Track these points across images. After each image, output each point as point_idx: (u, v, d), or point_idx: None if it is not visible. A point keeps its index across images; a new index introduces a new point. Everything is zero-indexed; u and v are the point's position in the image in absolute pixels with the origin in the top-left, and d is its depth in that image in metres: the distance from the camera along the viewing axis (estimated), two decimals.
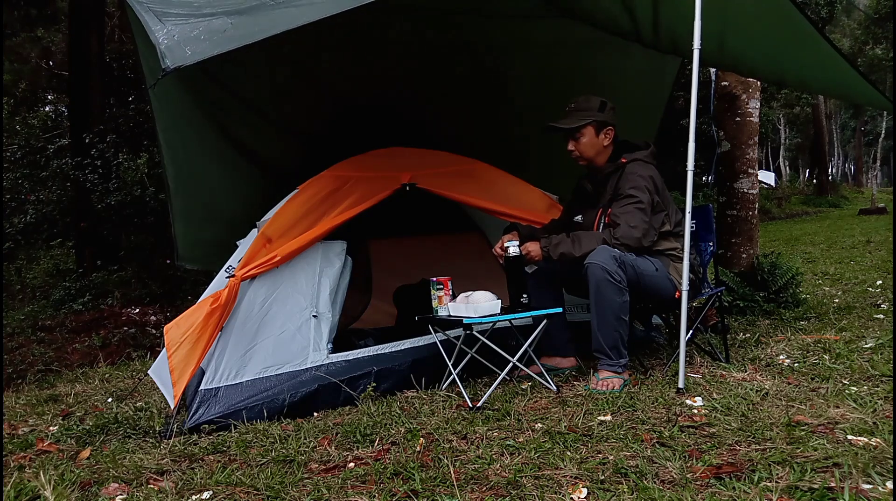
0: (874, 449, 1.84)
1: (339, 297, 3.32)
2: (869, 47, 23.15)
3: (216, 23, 2.59)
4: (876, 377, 2.62)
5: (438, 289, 3.13)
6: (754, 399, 2.45)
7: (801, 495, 1.62)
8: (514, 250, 3.07)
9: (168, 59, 2.26)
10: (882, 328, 3.66)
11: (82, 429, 2.99)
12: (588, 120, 3.19)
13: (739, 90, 4.72)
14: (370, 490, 1.90)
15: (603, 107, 3.21)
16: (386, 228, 4.53)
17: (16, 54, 15.44)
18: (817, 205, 23.34)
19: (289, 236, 3.19)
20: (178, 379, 2.73)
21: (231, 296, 2.95)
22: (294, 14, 2.62)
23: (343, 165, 3.54)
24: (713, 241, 3.46)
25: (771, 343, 3.48)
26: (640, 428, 2.25)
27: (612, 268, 2.85)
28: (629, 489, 1.76)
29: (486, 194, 3.69)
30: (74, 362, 6.29)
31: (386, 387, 3.14)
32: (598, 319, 2.90)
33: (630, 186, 3.05)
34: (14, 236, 9.99)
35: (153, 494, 2.01)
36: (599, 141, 3.22)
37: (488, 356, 3.12)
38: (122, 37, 12.88)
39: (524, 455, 2.08)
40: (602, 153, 3.25)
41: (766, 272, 4.65)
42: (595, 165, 3.27)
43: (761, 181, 19.48)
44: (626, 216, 3.00)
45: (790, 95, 21.15)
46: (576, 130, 3.21)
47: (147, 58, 3.54)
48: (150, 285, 8.81)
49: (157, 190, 8.44)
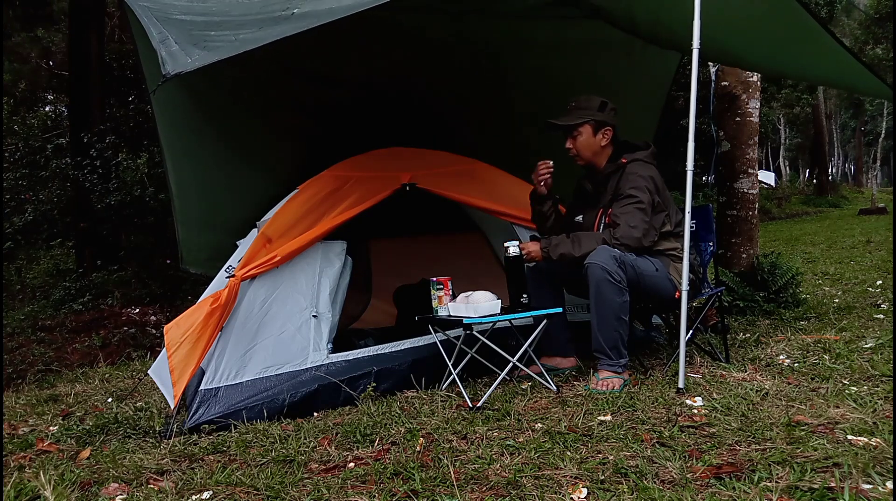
0: (874, 449, 1.84)
1: (339, 297, 3.32)
2: (869, 47, 23.13)
3: (219, 30, 2.60)
4: (876, 377, 2.62)
5: (438, 289, 3.13)
6: (754, 399, 2.45)
7: (801, 495, 1.62)
8: (514, 250, 3.07)
9: (168, 65, 2.26)
10: (882, 328, 3.66)
11: (82, 429, 2.99)
12: (586, 118, 3.20)
13: (739, 90, 4.72)
14: (370, 490, 1.90)
15: (603, 107, 3.22)
16: (386, 228, 4.53)
17: (16, 54, 15.44)
18: (817, 205, 23.34)
19: (289, 236, 3.19)
20: (178, 379, 2.73)
21: (231, 296, 2.95)
22: (295, 25, 2.62)
23: (343, 165, 3.54)
24: (713, 241, 3.47)
25: (771, 343, 3.48)
26: (640, 428, 2.25)
27: (612, 268, 2.85)
28: (629, 489, 1.76)
29: (486, 194, 3.69)
30: (74, 362, 6.29)
31: (386, 387, 3.14)
32: (598, 319, 2.90)
33: (630, 186, 3.05)
34: (14, 236, 9.98)
35: (153, 494, 2.01)
36: (597, 141, 3.22)
37: (488, 356, 3.12)
38: (122, 37, 12.87)
39: (524, 455, 2.08)
40: (601, 153, 3.25)
41: (766, 272, 4.65)
42: (594, 165, 3.28)
43: (761, 181, 19.49)
44: (627, 216, 3.00)
45: (790, 95, 21.14)
46: (573, 127, 3.22)
47: (148, 61, 3.55)
48: (150, 285, 8.81)
49: (157, 190, 8.44)
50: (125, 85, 11.24)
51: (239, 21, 2.83)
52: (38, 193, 10.35)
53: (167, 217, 4.84)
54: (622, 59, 4.36)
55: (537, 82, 4.61)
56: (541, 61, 4.47)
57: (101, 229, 9.32)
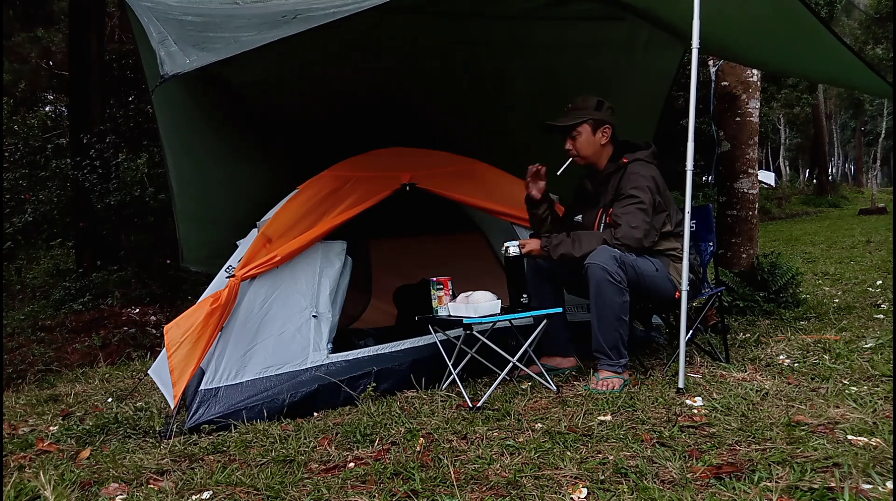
0: (874, 449, 1.84)
1: (339, 297, 3.32)
2: (869, 47, 23.13)
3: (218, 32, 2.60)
4: (876, 377, 2.62)
5: (438, 289, 3.13)
6: (754, 399, 2.45)
7: (801, 495, 1.62)
8: (514, 250, 3.07)
9: (167, 65, 2.26)
10: (882, 328, 3.66)
11: (82, 429, 2.99)
12: (584, 118, 3.21)
13: (739, 90, 4.72)
14: (370, 490, 1.90)
15: (600, 106, 3.23)
16: (386, 228, 4.53)
17: (16, 54, 15.44)
18: (817, 205, 23.34)
19: (289, 236, 3.19)
20: (178, 379, 2.73)
21: (231, 296, 2.95)
22: (295, 27, 2.62)
23: (343, 165, 3.54)
24: (713, 241, 3.47)
25: (771, 343, 3.48)
26: (640, 428, 2.25)
27: (612, 268, 2.85)
28: (629, 489, 1.76)
29: (486, 194, 3.68)
30: (74, 362, 6.29)
31: (386, 387, 3.13)
32: (599, 319, 2.90)
33: (632, 186, 3.05)
34: (14, 236, 9.98)
35: (153, 494, 2.01)
36: (596, 139, 3.23)
37: (488, 356, 3.12)
38: (122, 37, 12.87)
39: (524, 455, 2.08)
40: (601, 153, 3.25)
41: (766, 272, 4.65)
42: (595, 165, 3.28)
43: (761, 181, 19.47)
44: (628, 217, 3.00)
45: (790, 95, 21.12)
46: (572, 127, 3.23)
47: (148, 61, 3.55)
48: (150, 285, 8.81)
49: (156, 190, 8.44)
50: (125, 85, 11.23)
51: (239, 22, 2.83)
52: (37, 193, 10.34)
53: (167, 217, 4.85)
54: (622, 60, 4.36)
55: (537, 83, 4.61)
56: (541, 62, 4.46)
57: (101, 229, 9.32)
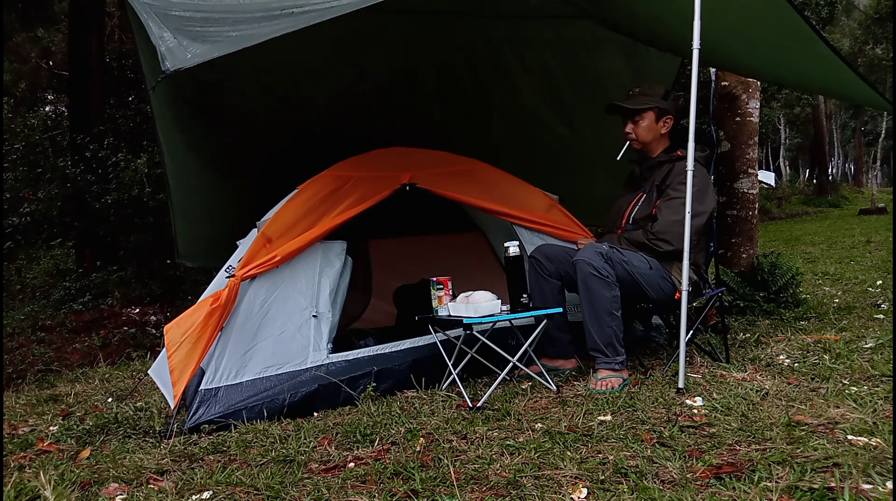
0: (874, 449, 1.84)
1: (339, 297, 3.32)
2: (869, 47, 23.14)
3: (217, 27, 2.60)
4: (876, 377, 2.62)
5: (438, 289, 3.13)
6: (754, 399, 2.45)
7: (801, 495, 1.62)
8: (514, 250, 3.07)
9: (168, 61, 2.26)
10: (882, 328, 3.66)
11: (82, 429, 2.99)
12: (651, 105, 3.24)
13: (739, 90, 4.72)
14: (370, 490, 1.90)
15: (667, 95, 3.29)
16: (386, 228, 4.53)
17: (16, 54, 15.42)
18: (817, 205, 23.33)
19: (289, 236, 3.18)
20: (178, 379, 2.73)
21: (231, 296, 2.95)
22: (294, 21, 2.62)
23: (343, 165, 3.53)
24: (713, 241, 3.47)
25: (771, 343, 3.48)
26: (640, 428, 2.25)
27: (598, 264, 2.88)
28: (629, 489, 1.76)
29: (486, 194, 3.68)
30: (74, 362, 6.29)
31: (386, 387, 3.13)
32: (590, 316, 2.92)
33: (679, 181, 3.07)
34: (14, 236, 9.97)
35: (153, 494, 2.01)
36: (658, 128, 3.27)
37: (488, 355, 3.12)
38: (122, 37, 12.86)
39: (524, 455, 2.08)
40: (658, 140, 3.30)
41: (766, 272, 4.65)
42: (647, 152, 3.32)
43: (761, 181, 19.46)
44: (669, 212, 3.04)
45: (790, 95, 21.13)
46: (636, 112, 3.26)
47: (148, 58, 3.54)
48: (150, 285, 8.81)
49: (156, 190, 8.44)
50: (125, 85, 11.23)
51: (238, 17, 2.82)
52: (37, 192, 10.34)
53: (166, 217, 4.83)
54: (622, 60, 4.37)
55: (537, 84, 4.61)
56: (540, 62, 4.47)
57: (101, 229, 9.32)
